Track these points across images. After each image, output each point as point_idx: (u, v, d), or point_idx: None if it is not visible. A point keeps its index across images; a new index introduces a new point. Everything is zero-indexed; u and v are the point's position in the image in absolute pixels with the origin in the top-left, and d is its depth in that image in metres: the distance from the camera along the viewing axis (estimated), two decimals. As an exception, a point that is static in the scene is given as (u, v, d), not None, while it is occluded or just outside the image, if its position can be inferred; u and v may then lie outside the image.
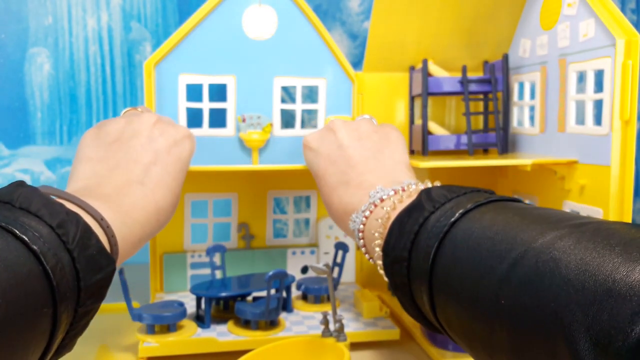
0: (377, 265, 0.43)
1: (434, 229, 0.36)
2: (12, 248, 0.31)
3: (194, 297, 0.62)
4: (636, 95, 0.51)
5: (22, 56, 0.81)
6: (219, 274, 0.64)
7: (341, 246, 0.65)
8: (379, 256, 0.41)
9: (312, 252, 0.71)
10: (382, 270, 0.42)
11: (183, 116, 0.64)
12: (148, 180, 0.46)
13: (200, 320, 0.57)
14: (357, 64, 0.86)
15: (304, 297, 0.64)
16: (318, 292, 0.62)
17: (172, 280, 0.67)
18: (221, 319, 0.58)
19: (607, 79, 0.53)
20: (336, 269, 0.64)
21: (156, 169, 0.47)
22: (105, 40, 0.82)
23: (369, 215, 0.44)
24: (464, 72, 0.65)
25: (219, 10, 0.63)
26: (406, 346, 0.57)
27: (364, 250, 0.45)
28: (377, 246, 0.42)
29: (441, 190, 0.39)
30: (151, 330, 0.54)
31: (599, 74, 0.55)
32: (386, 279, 0.41)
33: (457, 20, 0.68)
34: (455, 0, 0.66)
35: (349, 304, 0.64)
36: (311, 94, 0.71)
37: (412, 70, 0.70)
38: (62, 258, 0.33)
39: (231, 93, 0.64)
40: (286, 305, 0.61)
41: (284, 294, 0.60)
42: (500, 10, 0.67)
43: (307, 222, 0.74)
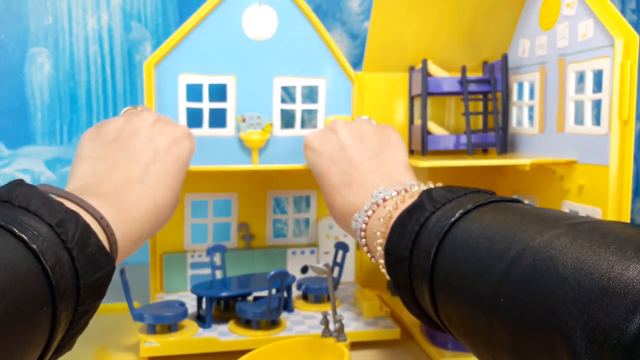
0: (379, 264, 0.43)
1: (434, 229, 0.37)
2: (11, 247, 0.31)
3: (194, 297, 0.62)
4: (635, 96, 0.51)
5: (22, 56, 0.80)
6: (219, 274, 0.64)
7: (341, 246, 0.65)
8: (381, 255, 0.42)
9: (312, 252, 0.71)
10: (384, 269, 0.42)
11: (183, 116, 0.64)
12: (147, 179, 0.46)
13: (201, 320, 0.57)
14: (357, 64, 0.86)
15: (305, 297, 0.64)
16: (318, 292, 0.62)
17: (172, 280, 0.67)
18: (222, 319, 0.58)
19: (605, 79, 0.53)
20: (336, 269, 0.65)
21: (156, 167, 0.47)
22: (105, 40, 0.82)
23: (371, 215, 0.44)
24: (463, 72, 0.65)
25: (219, 10, 0.63)
26: (406, 346, 0.57)
27: (365, 249, 0.46)
28: (379, 245, 0.42)
29: (442, 191, 0.40)
30: (152, 330, 0.54)
31: (597, 74, 0.55)
32: (388, 278, 0.42)
33: (457, 20, 0.68)
34: (454, 0, 0.66)
35: (349, 303, 0.64)
36: (311, 94, 0.71)
37: (411, 71, 0.70)
38: (61, 257, 0.33)
39: (231, 93, 0.64)
40: (287, 305, 0.61)
41: (285, 293, 0.60)
42: (500, 11, 0.67)
43: (307, 222, 0.74)
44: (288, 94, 0.76)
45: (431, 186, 0.43)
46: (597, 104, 0.55)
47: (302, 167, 0.61)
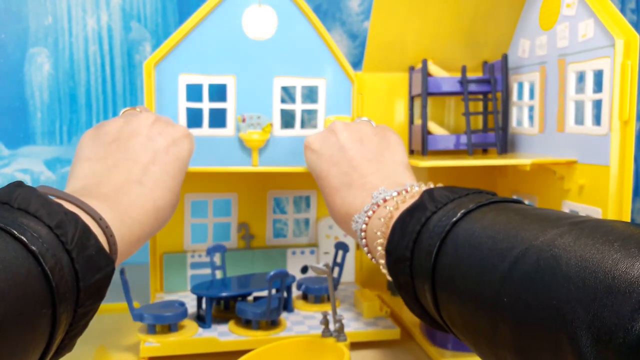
0: (380, 264, 0.43)
1: (435, 229, 0.37)
2: (10, 249, 0.31)
3: (194, 297, 0.62)
4: (635, 96, 0.50)
5: (22, 56, 0.80)
6: (219, 274, 0.64)
7: (341, 246, 0.65)
8: (382, 255, 0.42)
9: (312, 252, 0.71)
10: (385, 269, 0.42)
11: (183, 116, 0.64)
12: (147, 180, 0.46)
13: (201, 320, 0.57)
14: (357, 64, 0.85)
15: (304, 297, 0.64)
16: (318, 292, 0.62)
17: (172, 280, 0.67)
18: (222, 319, 0.58)
19: (606, 79, 0.53)
20: (336, 269, 0.64)
21: (155, 168, 0.47)
22: (105, 40, 0.82)
23: (371, 216, 0.44)
24: (463, 72, 0.65)
25: (219, 10, 0.62)
26: (406, 346, 0.57)
27: (366, 250, 0.45)
28: (380, 245, 0.42)
29: (443, 191, 0.40)
30: (152, 330, 0.54)
31: (598, 74, 0.55)
32: (389, 278, 0.41)
33: (457, 20, 0.67)
34: (454, 0, 0.65)
35: (349, 303, 0.64)
36: (311, 94, 0.71)
37: (411, 71, 0.70)
38: (61, 258, 0.33)
39: (231, 93, 0.64)
40: (287, 305, 0.61)
41: (285, 293, 0.60)
42: (500, 11, 0.67)
43: (307, 222, 0.74)
44: (288, 94, 0.76)
45: (431, 186, 0.43)
46: (597, 104, 0.55)
47: (302, 169, 0.61)
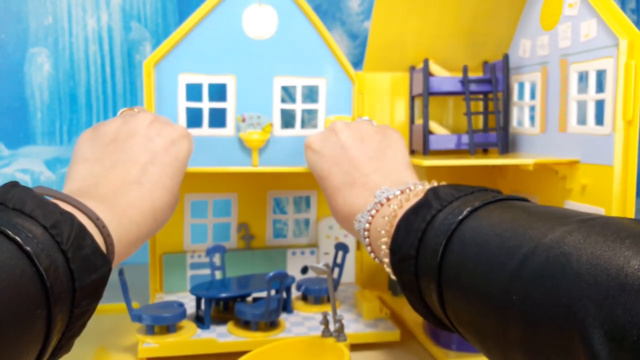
0: (384, 263, 0.42)
1: (441, 227, 0.36)
2: (4, 249, 0.30)
3: (193, 297, 0.61)
4: (639, 96, 0.50)
5: (22, 56, 0.79)
6: (218, 275, 0.63)
7: (341, 247, 0.63)
8: (386, 254, 0.41)
9: (312, 253, 0.70)
10: (389, 268, 0.41)
11: (183, 116, 0.63)
12: (145, 180, 0.45)
13: (200, 321, 0.56)
14: (357, 64, 0.84)
15: (304, 298, 0.63)
16: (318, 293, 0.61)
17: (172, 281, 0.66)
18: (221, 320, 0.57)
19: (609, 79, 0.52)
20: (336, 270, 0.63)
21: (153, 168, 0.46)
22: (105, 40, 0.81)
23: (375, 215, 0.43)
24: (465, 72, 0.64)
25: (219, 9, 0.62)
26: (407, 347, 0.56)
27: (369, 249, 0.45)
28: (384, 244, 0.41)
29: (448, 189, 0.39)
30: (151, 331, 0.53)
31: (600, 74, 0.54)
32: (393, 277, 0.41)
33: (457, 20, 0.67)
34: (455, 0, 0.65)
35: (349, 304, 0.62)
36: (311, 94, 0.70)
37: (412, 70, 0.69)
38: (56, 259, 0.32)
39: (231, 93, 0.63)
40: (286, 306, 0.60)
41: (284, 294, 0.59)
42: (500, 11, 0.66)
43: (307, 222, 0.73)
44: (288, 93, 0.75)
45: (435, 185, 0.42)
46: (600, 104, 0.54)
47: (302, 169, 0.60)
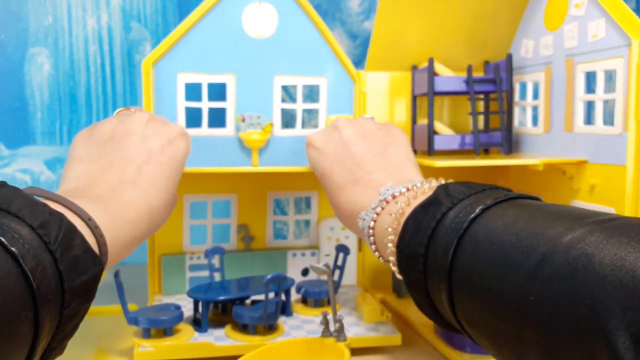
0: (390, 262, 0.40)
1: (452, 225, 0.34)
2: None
3: (192, 299, 0.59)
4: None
5: (22, 56, 0.78)
6: (218, 277, 0.61)
7: (342, 249, 0.61)
8: (392, 252, 0.39)
9: (313, 254, 0.68)
10: (395, 267, 0.39)
11: (182, 116, 0.61)
12: (141, 180, 0.44)
13: (197, 324, 0.54)
14: (357, 64, 0.83)
15: (304, 301, 0.60)
16: (318, 296, 0.59)
17: (171, 283, 0.64)
18: (219, 323, 0.55)
19: (619, 79, 0.51)
20: (337, 272, 0.61)
21: (149, 168, 0.45)
22: (105, 40, 0.80)
23: (380, 212, 0.42)
24: (469, 72, 0.62)
25: (218, 8, 0.60)
26: (410, 351, 0.53)
27: (373, 248, 0.43)
28: (390, 242, 0.39)
29: (459, 187, 0.37)
30: (147, 334, 0.51)
31: (609, 75, 0.53)
32: (399, 276, 0.39)
33: (459, 20, 0.65)
34: (457, 0, 0.63)
35: (349, 307, 0.60)
36: (311, 94, 0.68)
37: (414, 70, 0.67)
38: (43, 259, 0.31)
39: (231, 92, 0.61)
40: (285, 309, 0.58)
41: (283, 297, 0.57)
42: (501, 11, 0.65)
43: (307, 223, 0.71)
44: (288, 93, 0.73)
45: (443, 182, 0.40)
46: (609, 104, 0.53)
47: (303, 169, 0.58)
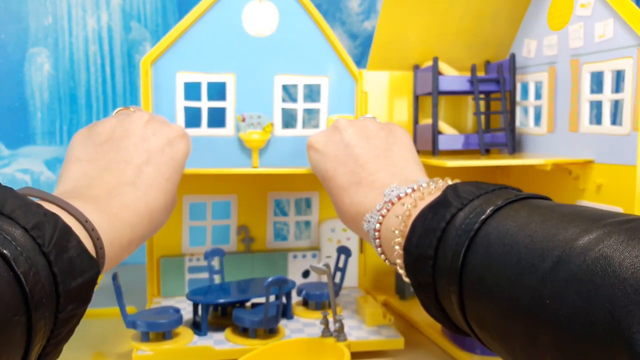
0: (396, 264, 0.38)
1: (463, 227, 0.33)
2: None
3: (191, 302, 0.57)
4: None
5: (22, 56, 0.77)
6: (217, 279, 0.59)
7: (343, 250, 0.59)
8: (399, 255, 0.37)
9: (314, 256, 0.66)
10: (402, 269, 0.38)
11: (181, 115, 0.59)
12: (140, 182, 0.42)
13: (197, 327, 0.52)
14: (357, 63, 0.80)
15: (305, 303, 0.59)
16: (319, 299, 0.57)
17: (170, 285, 0.62)
18: (219, 326, 0.53)
19: (628, 79, 0.49)
20: (338, 274, 0.59)
21: (148, 169, 0.43)
22: (105, 40, 0.78)
23: (386, 214, 0.40)
24: (473, 71, 0.60)
25: (218, 6, 0.58)
26: (412, 354, 0.51)
27: (379, 250, 0.41)
28: (397, 244, 0.38)
29: (468, 187, 0.35)
30: (146, 337, 0.49)
31: (617, 75, 0.51)
32: (406, 279, 0.37)
33: (461, 20, 0.64)
34: (459, 0, 0.61)
35: (351, 310, 0.58)
36: (312, 93, 0.66)
37: (416, 69, 0.65)
38: (36, 262, 0.29)
39: (231, 92, 0.60)
40: (286, 312, 0.56)
41: (284, 300, 0.55)
42: (502, 11, 0.63)
43: (308, 224, 0.69)
44: (288, 92, 0.71)
45: (449, 182, 0.39)
46: (616, 104, 0.52)
47: (304, 170, 0.56)
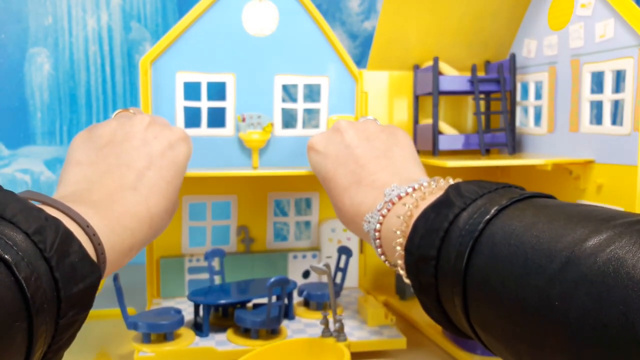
0: (397, 265, 0.37)
1: (467, 227, 0.31)
2: None
3: (191, 303, 0.56)
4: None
5: (22, 56, 0.75)
6: (217, 279, 0.58)
7: (344, 250, 0.59)
8: (400, 255, 0.36)
9: (314, 256, 0.65)
10: (403, 270, 0.36)
11: (181, 115, 0.58)
12: (141, 186, 0.41)
13: (198, 328, 0.51)
14: (357, 63, 0.79)
15: (306, 304, 0.58)
16: (320, 299, 0.56)
17: (170, 286, 0.61)
18: (220, 327, 0.52)
19: (628, 79, 0.48)
20: (339, 274, 0.58)
21: (150, 173, 0.42)
22: (105, 40, 0.77)
23: (386, 214, 0.39)
24: (473, 71, 0.59)
25: (218, 5, 0.57)
26: (414, 353, 0.51)
27: (380, 251, 0.40)
28: (398, 245, 0.36)
29: (471, 186, 0.34)
30: (147, 339, 0.48)
31: (618, 75, 0.50)
32: (407, 280, 0.36)
33: (460, 20, 0.63)
34: (459, 0, 0.60)
35: (352, 310, 0.57)
36: (312, 93, 0.65)
37: (416, 69, 0.64)
38: (38, 267, 0.28)
39: (230, 92, 0.59)
40: (287, 312, 0.55)
41: (286, 300, 0.54)
42: (502, 11, 0.62)
43: (308, 224, 0.68)
44: (288, 92, 0.70)
45: (450, 181, 0.38)
46: (617, 104, 0.51)
47: (304, 172, 0.55)
